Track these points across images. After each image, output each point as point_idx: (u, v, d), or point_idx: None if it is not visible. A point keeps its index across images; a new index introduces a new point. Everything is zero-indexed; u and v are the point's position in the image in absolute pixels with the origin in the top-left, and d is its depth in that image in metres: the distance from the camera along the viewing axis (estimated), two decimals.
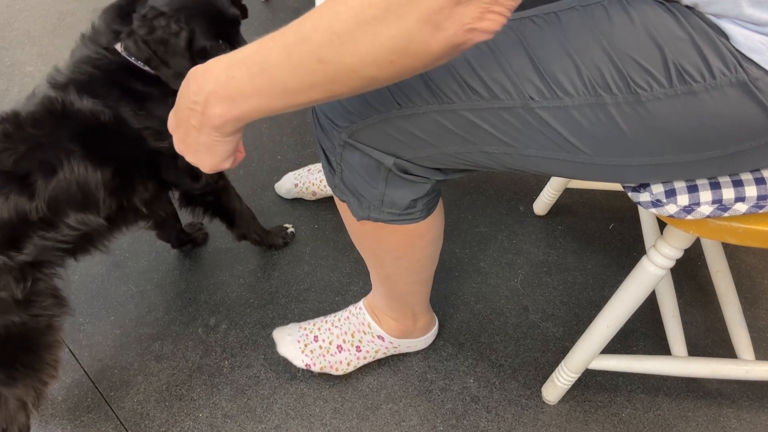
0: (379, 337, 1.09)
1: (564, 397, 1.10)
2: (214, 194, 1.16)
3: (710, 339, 1.19)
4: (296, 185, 1.43)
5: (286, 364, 1.16)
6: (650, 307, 1.19)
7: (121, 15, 0.96)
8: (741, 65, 0.58)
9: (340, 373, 1.12)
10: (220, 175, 1.15)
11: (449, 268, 1.32)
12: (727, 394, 1.11)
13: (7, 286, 0.83)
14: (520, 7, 0.63)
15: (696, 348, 1.17)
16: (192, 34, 0.93)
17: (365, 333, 1.10)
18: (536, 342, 1.19)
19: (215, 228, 1.40)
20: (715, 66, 0.58)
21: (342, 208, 0.85)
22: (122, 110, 0.94)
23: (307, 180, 1.43)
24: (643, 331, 1.20)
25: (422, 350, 1.18)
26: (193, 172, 1.07)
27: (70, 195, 0.89)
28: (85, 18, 2.06)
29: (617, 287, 0.90)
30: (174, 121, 0.63)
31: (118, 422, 1.09)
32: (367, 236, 0.87)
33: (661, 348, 1.16)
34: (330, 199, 1.45)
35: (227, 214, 1.22)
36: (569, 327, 1.21)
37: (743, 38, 0.57)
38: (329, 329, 1.11)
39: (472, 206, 1.45)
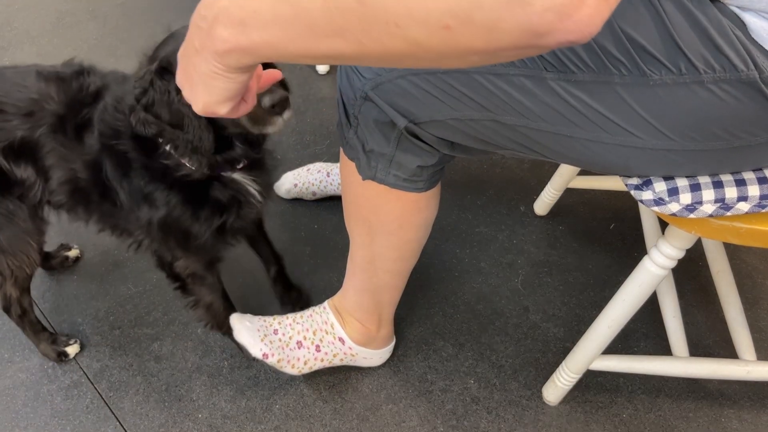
0: (339, 339, 1.07)
1: (565, 397, 1.10)
2: (184, 280, 1.08)
3: (711, 339, 1.19)
4: (295, 185, 1.43)
5: None
6: (651, 307, 1.18)
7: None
8: (754, 62, 0.58)
9: (295, 372, 1.07)
10: (195, 275, 1.05)
11: (449, 268, 1.32)
12: (728, 394, 1.11)
13: None
14: None
15: (697, 348, 1.17)
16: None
17: (327, 333, 1.07)
18: (537, 342, 1.19)
19: None
20: (726, 60, 0.59)
21: (346, 171, 0.86)
22: (104, 165, 0.92)
23: (307, 180, 1.42)
24: (644, 332, 1.20)
25: (423, 350, 1.18)
26: (171, 251, 1.01)
27: (30, 154, 0.93)
28: (84, 18, 2.06)
29: (618, 287, 0.90)
30: (182, 48, 0.55)
31: (118, 423, 1.09)
32: (366, 204, 0.87)
33: (663, 348, 1.16)
34: (330, 199, 1.44)
35: (192, 297, 1.12)
36: (570, 327, 1.21)
37: (766, 33, 0.58)
38: (290, 324, 1.08)
39: (472, 206, 1.44)
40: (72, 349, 1.18)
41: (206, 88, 0.53)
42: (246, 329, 1.06)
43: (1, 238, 1.01)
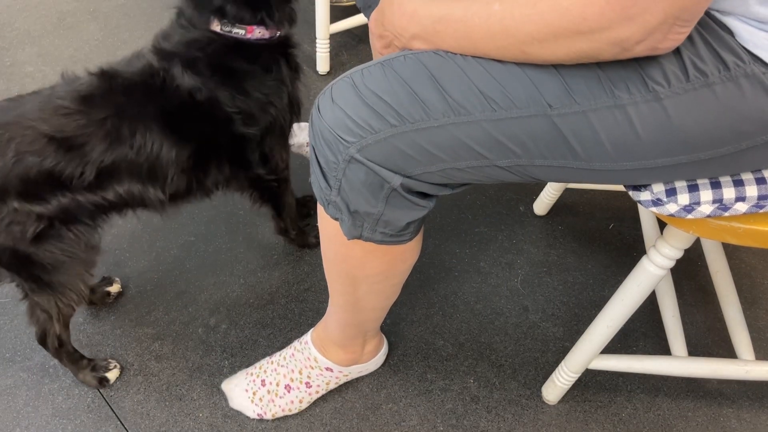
0: (327, 368, 1.07)
1: (564, 397, 1.10)
2: (276, 182, 1.17)
3: (710, 339, 1.19)
4: (308, 143, 1.40)
5: None
6: (650, 307, 1.19)
7: None
8: (750, 59, 0.59)
9: (294, 412, 1.08)
10: (286, 165, 1.17)
11: (449, 268, 1.32)
12: (727, 394, 1.12)
13: (23, 223, 0.91)
14: None
15: (696, 348, 1.17)
16: None
17: (313, 368, 1.07)
18: (536, 342, 1.19)
19: (216, 227, 1.40)
20: (728, 59, 0.59)
21: (326, 228, 0.81)
22: (220, 93, 0.98)
23: None
24: (643, 331, 1.20)
25: (422, 350, 1.18)
26: (267, 155, 1.10)
27: (133, 167, 0.95)
28: (85, 18, 2.06)
29: (617, 287, 0.90)
30: (378, 30, 0.74)
31: (118, 422, 1.09)
32: (351, 260, 0.84)
33: (661, 348, 1.16)
34: None
35: (279, 203, 1.23)
36: (569, 327, 1.21)
37: (748, 35, 0.58)
38: (275, 370, 1.08)
39: (472, 206, 1.45)
40: (112, 374, 1.14)
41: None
42: (237, 395, 1.09)
43: (54, 279, 0.98)
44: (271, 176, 1.14)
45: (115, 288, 1.27)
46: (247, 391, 1.08)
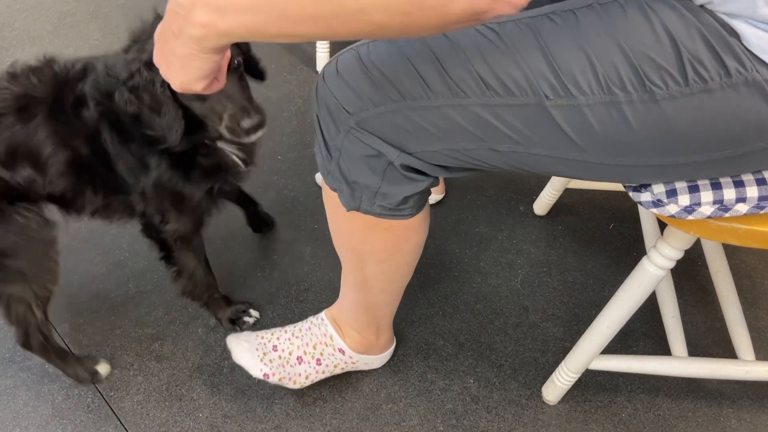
0: (339, 350, 1.07)
1: (564, 397, 1.10)
2: (173, 241, 1.08)
3: (710, 339, 1.19)
4: None
5: None
6: (650, 307, 1.18)
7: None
8: (754, 65, 0.58)
9: (296, 386, 1.07)
10: (181, 236, 1.06)
11: (449, 268, 1.32)
12: (727, 394, 1.11)
13: None
14: (537, 4, 0.63)
15: (696, 348, 1.17)
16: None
17: (327, 345, 1.06)
18: (536, 342, 1.19)
19: (215, 227, 1.40)
20: (730, 65, 0.58)
21: (330, 201, 0.83)
22: (103, 130, 0.93)
23: None
24: (643, 332, 1.20)
25: (422, 350, 1.18)
26: (162, 215, 1.03)
27: (26, 151, 0.93)
28: (85, 18, 2.06)
29: (617, 287, 0.90)
30: (158, 31, 0.59)
31: (118, 422, 1.09)
32: (353, 235, 0.85)
33: (662, 348, 1.16)
34: None
35: (177, 262, 1.13)
36: (569, 327, 1.21)
37: (756, 39, 0.57)
38: (289, 339, 1.07)
39: (472, 206, 1.45)
40: (102, 368, 1.13)
41: (183, 69, 0.57)
42: (244, 350, 1.05)
43: (20, 264, 0.96)
44: (163, 234, 1.06)
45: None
46: (257, 350, 1.05)
